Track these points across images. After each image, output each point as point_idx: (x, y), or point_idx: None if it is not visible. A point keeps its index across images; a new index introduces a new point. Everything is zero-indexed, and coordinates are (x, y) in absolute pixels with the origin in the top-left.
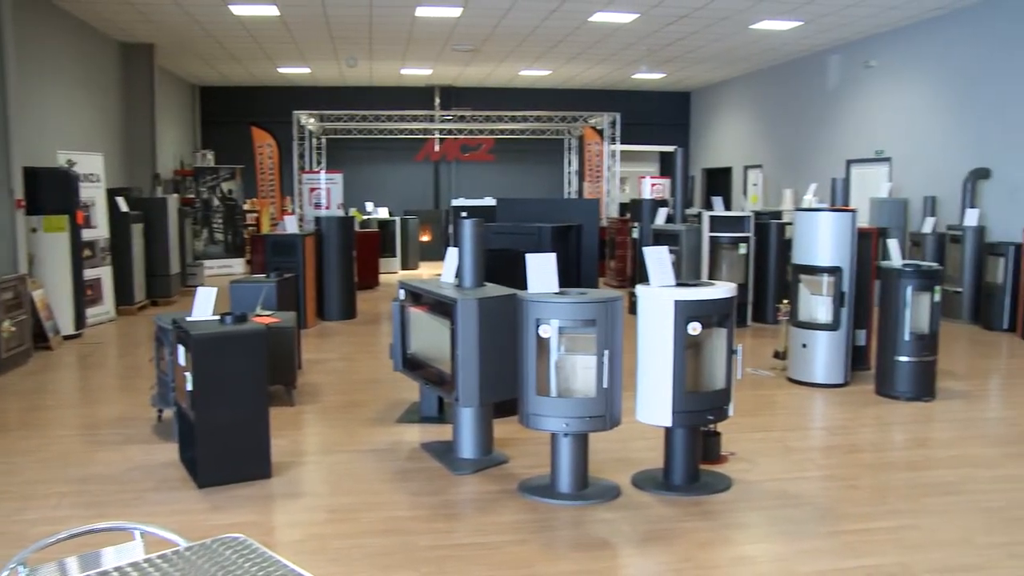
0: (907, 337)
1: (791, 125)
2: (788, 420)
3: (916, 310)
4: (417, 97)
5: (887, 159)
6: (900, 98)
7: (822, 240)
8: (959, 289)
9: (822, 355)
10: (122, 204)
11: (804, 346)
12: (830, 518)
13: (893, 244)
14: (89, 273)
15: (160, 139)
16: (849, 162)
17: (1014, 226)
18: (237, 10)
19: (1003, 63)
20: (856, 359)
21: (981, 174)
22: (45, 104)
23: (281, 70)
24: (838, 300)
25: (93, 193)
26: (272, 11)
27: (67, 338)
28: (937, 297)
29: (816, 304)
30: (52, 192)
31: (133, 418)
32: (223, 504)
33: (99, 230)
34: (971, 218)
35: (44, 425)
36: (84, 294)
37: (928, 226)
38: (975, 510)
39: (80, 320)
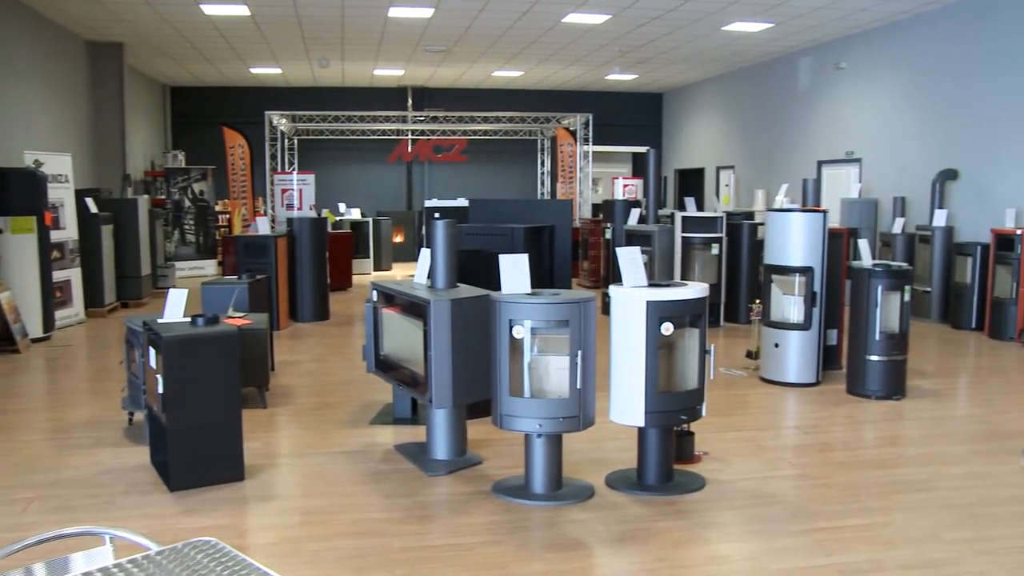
0: (877, 336)
1: (763, 126)
2: (760, 419)
3: (886, 309)
4: (389, 98)
5: (857, 160)
6: (870, 100)
7: (794, 240)
8: (928, 289)
9: (794, 355)
10: (91, 205)
11: (776, 346)
12: (802, 516)
13: (863, 244)
14: (58, 275)
15: (130, 139)
16: (820, 163)
17: (982, 226)
18: (208, 9)
19: (971, 66)
20: (827, 358)
21: (949, 175)
22: (11, 103)
23: (253, 70)
24: (810, 300)
25: (61, 194)
26: (243, 11)
27: (35, 341)
28: (907, 297)
29: (788, 304)
30: (19, 193)
31: (103, 421)
32: (195, 507)
33: (68, 231)
34: (940, 219)
35: (12, 429)
36: (53, 296)
37: (898, 226)
38: (944, 507)
39: (49, 323)
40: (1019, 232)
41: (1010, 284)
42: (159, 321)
